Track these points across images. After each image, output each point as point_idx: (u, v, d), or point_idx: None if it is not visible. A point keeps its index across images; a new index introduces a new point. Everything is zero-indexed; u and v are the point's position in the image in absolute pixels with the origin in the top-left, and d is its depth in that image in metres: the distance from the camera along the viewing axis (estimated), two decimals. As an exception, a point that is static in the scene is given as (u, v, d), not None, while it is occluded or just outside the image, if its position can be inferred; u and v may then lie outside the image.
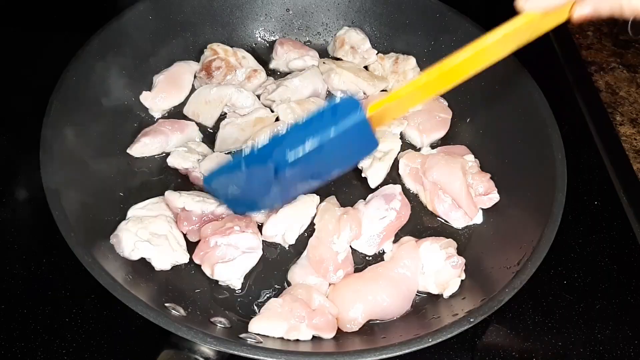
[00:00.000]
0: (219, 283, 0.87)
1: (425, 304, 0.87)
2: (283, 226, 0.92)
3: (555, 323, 0.91)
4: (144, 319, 0.69)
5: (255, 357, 0.68)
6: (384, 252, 0.94)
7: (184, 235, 0.91)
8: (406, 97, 0.72)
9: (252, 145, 0.78)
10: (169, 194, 0.91)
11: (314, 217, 0.94)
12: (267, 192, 0.82)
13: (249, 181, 0.82)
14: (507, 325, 0.90)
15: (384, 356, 0.69)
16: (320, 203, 0.96)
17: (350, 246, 0.93)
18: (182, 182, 1.00)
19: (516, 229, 0.91)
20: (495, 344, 0.87)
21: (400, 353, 0.70)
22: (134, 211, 0.89)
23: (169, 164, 0.98)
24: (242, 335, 0.76)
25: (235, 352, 0.68)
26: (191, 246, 0.89)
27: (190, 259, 0.88)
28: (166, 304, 0.77)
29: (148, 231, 0.86)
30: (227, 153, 1.03)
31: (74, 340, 0.82)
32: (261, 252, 0.89)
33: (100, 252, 0.79)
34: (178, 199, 0.90)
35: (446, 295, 0.87)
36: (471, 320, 0.73)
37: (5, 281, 0.86)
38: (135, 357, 0.81)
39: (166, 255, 0.85)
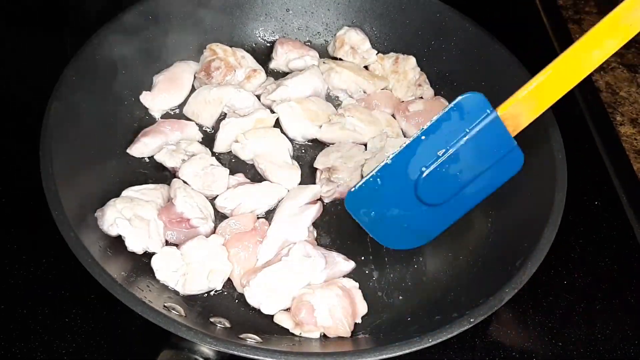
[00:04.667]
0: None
1: (426, 304, 0.87)
2: (235, 202, 0.94)
3: (555, 323, 0.91)
4: (144, 319, 0.69)
5: (255, 357, 0.68)
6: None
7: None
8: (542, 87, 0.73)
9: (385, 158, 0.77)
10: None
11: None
12: (414, 216, 0.81)
13: (392, 202, 0.80)
14: (507, 325, 0.90)
15: (384, 356, 0.69)
16: None
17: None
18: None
19: (516, 229, 0.91)
20: (495, 344, 0.87)
21: (401, 353, 0.70)
22: (129, 192, 0.91)
23: (155, 159, 0.99)
24: (242, 336, 0.76)
25: (235, 353, 0.68)
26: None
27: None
28: (166, 304, 0.77)
29: (133, 212, 0.86)
30: (219, 154, 1.03)
31: (74, 340, 0.82)
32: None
33: (100, 252, 0.79)
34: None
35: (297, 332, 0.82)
36: (471, 320, 0.73)
37: (5, 281, 0.86)
38: (135, 357, 0.81)
39: (141, 238, 0.85)
